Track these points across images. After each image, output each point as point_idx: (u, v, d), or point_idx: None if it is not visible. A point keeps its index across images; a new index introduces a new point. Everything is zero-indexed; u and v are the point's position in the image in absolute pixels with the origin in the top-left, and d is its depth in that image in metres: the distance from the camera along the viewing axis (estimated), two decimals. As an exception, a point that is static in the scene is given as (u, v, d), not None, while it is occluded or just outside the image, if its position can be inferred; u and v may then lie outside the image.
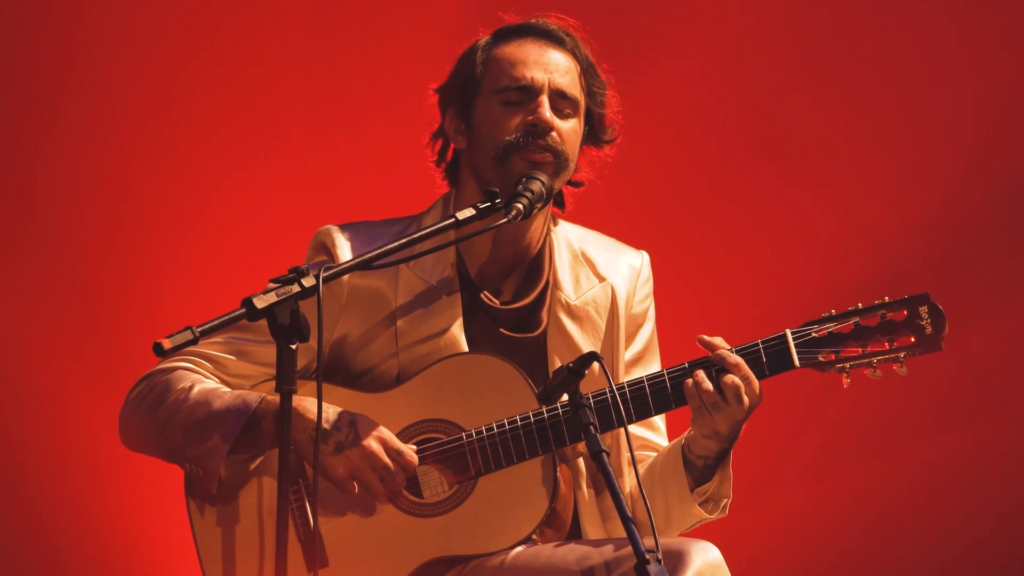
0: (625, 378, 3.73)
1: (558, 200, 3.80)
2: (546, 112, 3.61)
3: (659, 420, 3.82)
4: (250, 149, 5.51)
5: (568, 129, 3.65)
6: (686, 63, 5.64)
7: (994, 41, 5.60)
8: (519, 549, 3.52)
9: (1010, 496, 5.64)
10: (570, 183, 3.77)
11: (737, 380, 3.46)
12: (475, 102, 3.68)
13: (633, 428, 3.74)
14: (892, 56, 5.66)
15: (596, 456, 3.21)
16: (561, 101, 3.65)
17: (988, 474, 5.64)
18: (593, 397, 3.51)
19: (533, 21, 3.74)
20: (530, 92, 3.63)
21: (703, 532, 3.58)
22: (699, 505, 3.61)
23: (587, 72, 3.73)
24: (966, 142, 5.62)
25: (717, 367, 3.50)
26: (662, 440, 3.81)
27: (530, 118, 3.61)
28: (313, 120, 5.55)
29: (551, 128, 3.61)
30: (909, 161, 5.64)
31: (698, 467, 3.60)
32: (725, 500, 3.64)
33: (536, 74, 3.64)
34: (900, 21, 5.65)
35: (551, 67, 3.66)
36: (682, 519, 3.65)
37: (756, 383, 3.49)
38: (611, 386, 3.50)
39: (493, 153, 3.61)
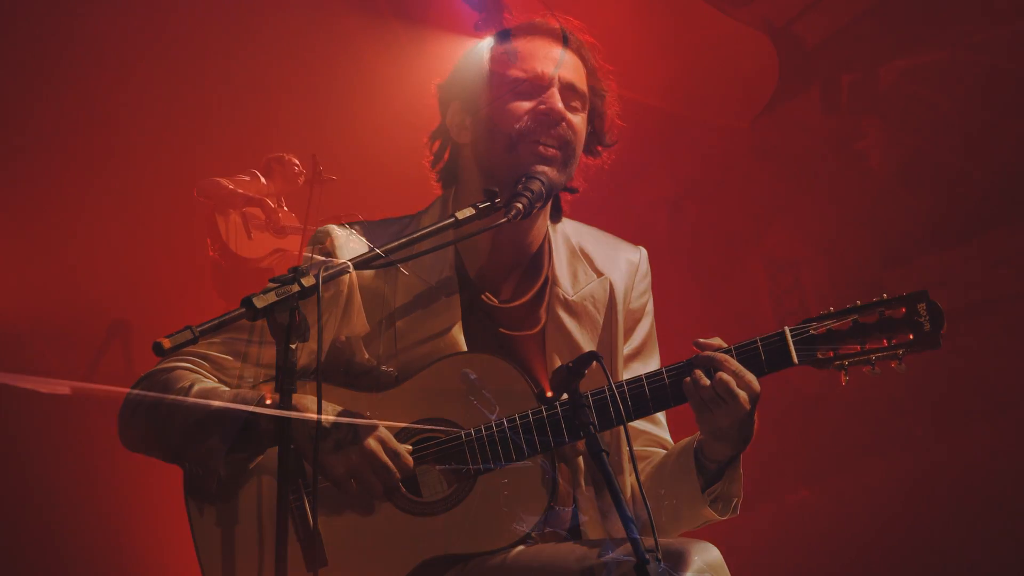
0: (624, 373, 3.73)
1: (555, 208, 3.78)
2: (558, 102, 3.62)
3: (659, 413, 3.80)
4: (248, 149, 5.52)
5: (577, 122, 3.65)
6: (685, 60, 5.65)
7: (993, 41, 5.61)
8: (519, 549, 3.50)
9: (1010, 493, 5.65)
10: (566, 189, 3.76)
11: (726, 376, 3.43)
12: (484, 96, 3.68)
13: (635, 421, 3.72)
14: (889, 53, 5.68)
15: (596, 456, 3.20)
16: (570, 95, 3.66)
17: (987, 472, 5.65)
18: (592, 395, 3.50)
19: (539, 20, 3.75)
20: (540, 85, 3.64)
21: (703, 531, 3.57)
22: (710, 505, 3.59)
23: (591, 74, 3.73)
24: (963, 138, 5.63)
25: (712, 366, 3.49)
26: (662, 432, 3.80)
27: (542, 107, 3.61)
28: (311, 120, 5.56)
29: (563, 117, 3.61)
30: (906, 156, 5.65)
31: (711, 471, 3.58)
32: (736, 499, 3.62)
33: (546, 68, 3.65)
34: (900, 18, 5.66)
35: (560, 63, 3.66)
36: (692, 519, 3.64)
37: (748, 376, 3.45)
38: (610, 385, 3.49)
39: (503, 142, 3.61)
